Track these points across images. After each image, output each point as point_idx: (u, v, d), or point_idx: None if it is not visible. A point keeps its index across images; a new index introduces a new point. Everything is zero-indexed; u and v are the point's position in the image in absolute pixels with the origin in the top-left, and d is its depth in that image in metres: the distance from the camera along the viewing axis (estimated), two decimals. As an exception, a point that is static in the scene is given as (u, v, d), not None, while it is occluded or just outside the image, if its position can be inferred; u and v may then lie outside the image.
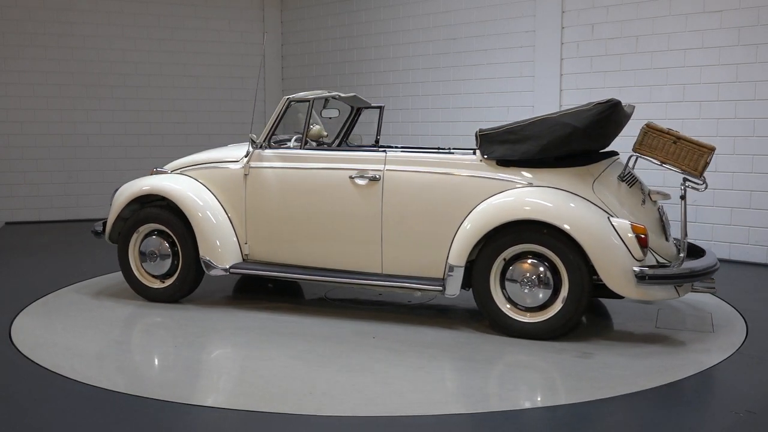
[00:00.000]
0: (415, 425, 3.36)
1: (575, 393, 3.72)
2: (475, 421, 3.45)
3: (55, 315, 5.15)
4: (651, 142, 4.57)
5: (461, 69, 8.75)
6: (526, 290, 4.51)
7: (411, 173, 4.85)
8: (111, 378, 3.91)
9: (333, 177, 5.01)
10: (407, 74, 9.30)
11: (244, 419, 3.42)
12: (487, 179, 4.66)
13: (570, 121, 4.50)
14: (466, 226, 4.60)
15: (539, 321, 4.51)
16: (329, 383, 3.85)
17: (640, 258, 4.31)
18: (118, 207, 5.53)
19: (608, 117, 4.47)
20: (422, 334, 4.68)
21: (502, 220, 4.51)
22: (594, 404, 3.56)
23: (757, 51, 6.69)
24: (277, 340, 4.58)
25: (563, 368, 4.08)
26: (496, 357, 4.31)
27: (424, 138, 8.66)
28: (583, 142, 4.56)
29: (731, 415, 3.44)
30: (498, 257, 4.57)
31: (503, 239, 4.54)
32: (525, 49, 8.16)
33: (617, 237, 4.32)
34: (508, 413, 3.50)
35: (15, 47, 9.37)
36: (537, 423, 3.47)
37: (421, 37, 9.13)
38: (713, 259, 4.72)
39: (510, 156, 4.64)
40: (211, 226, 5.24)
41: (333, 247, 5.04)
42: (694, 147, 4.48)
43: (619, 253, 4.30)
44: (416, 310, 5.27)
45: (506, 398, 3.72)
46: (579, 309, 4.43)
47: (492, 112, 8.22)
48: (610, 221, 4.36)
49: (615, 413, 3.53)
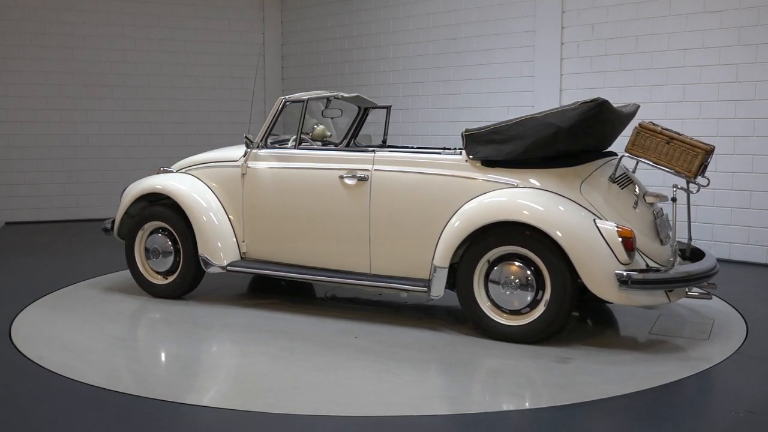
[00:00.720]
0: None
1: (541, 398, 3.69)
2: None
3: (55, 315, 5.15)
4: (644, 142, 4.46)
5: (461, 69, 8.75)
6: (508, 293, 4.43)
7: (398, 173, 4.84)
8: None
9: (323, 177, 5.05)
10: (407, 74, 9.30)
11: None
12: (472, 180, 4.61)
13: (554, 121, 4.40)
14: (450, 228, 4.56)
15: (522, 324, 4.42)
16: (291, 381, 3.87)
17: (625, 261, 4.19)
18: (125, 205, 5.68)
19: (594, 116, 4.36)
20: (405, 335, 4.66)
21: (483, 221, 4.44)
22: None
23: (757, 51, 6.70)
24: (259, 337, 4.64)
25: (538, 373, 4.01)
26: (470, 360, 4.24)
27: (424, 138, 8.65)
28: (569, 143, 4.46)
29: (731, 415, 3.43)
30: (481, 259, 4.50)
31: (486, 241, 4.48)
32: (525, 49, 8.17)
33: (601, 240, 4.20)
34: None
35: (15, 47, 9.37)
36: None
37: (421, 37, 9.14)
38: (710, 263, 4.58)
39: (495, 156, 4.58)
40: (209, 225, 5.32)
41: (324, 247, 5.07)
42: (687, 147, 4.36)
43: (602, 256, 4.19)
44: (407, 310, 5.25)
45: (466, 402, 3.67)
46: (561, 313, 4.32)
47: (492, 112, 8.21)
48: (595, 223, 4.26)
49: (612, 414, 3.53)
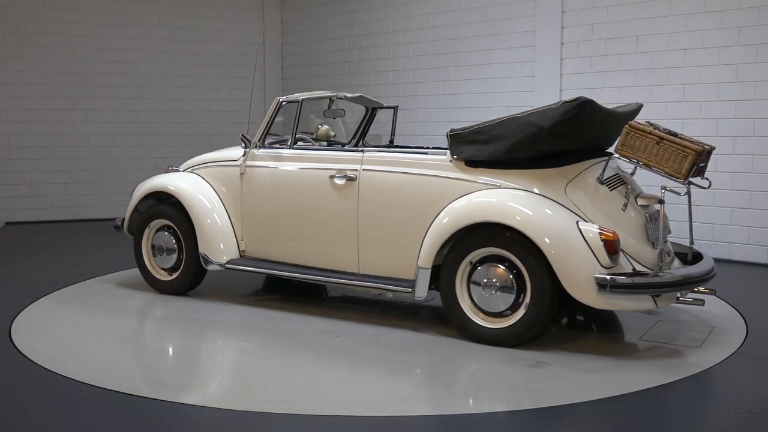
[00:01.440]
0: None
1: (499, 402, 3.64)
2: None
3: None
4: (633, 142, 4.30)
5: (461, 69, 8.75)
6: (488, 295, 4.36)
7: (385, 173, 4.82)
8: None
9: (314, 177, 5.08)
10: (407, 74, 9.30)
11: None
12: (456, 180, 4.56)
13: (536, 121, 4.30)
14: (432, 229, 4.52)
15: (502, 327, 4.34)
16: (255, 378, 3.91)
17: (607, 265, 4.07)
18: (134, 202, 5.83)
19: (576, 116, 4.23)
20: (388, 335, 4.65)
21: (464, 222, 4.38)
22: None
23: (757, 51, 6.70)
24: (242, 334, 4.72)
25: (511, 376, 3.93)
26: (443, 362, 4.17)
27: (423, 138, 8.64)
28: (551, 143, 4.35)
29: (731, 415, 3.43)
30: (464, 260, 4.43)
31: (469, 242, 4.41)
32: (525, 49, 8.17)
33: (583, 242, 4.09)
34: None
35: (15, 47, 9.37)
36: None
37: (421, 37, 9.14)
38: (703, 268, 4.44)
39: (478, 156, 4.51)
40: (209, 223, 5.40)
41: (315, 246, 5.11)
42: (678, 148, 4.18)
43: (582, 259, 4.07)
44: (392, 311, 5.25)
45: (433, 404, 3.65)
46: (541, 316, 4.22)
47: (492, 112, 8.18)
48: (578, 225, 4.16)
49: (609, 415, 3.53)
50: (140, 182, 5.96)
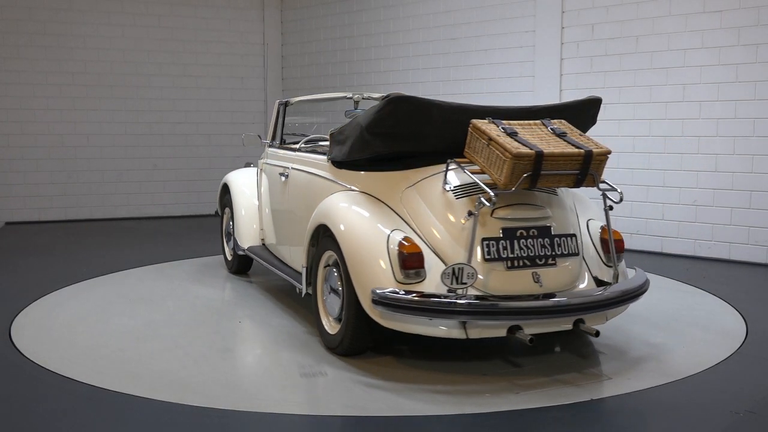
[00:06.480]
0: None
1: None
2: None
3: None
4: (475, 143, 3.73)
5: (461, 69, 8.75)
6: (326, 298, 4.26)
7: (298, 172, 5.11)
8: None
9: (274, 174, 5.60)
10: (407, 74, 9.31)
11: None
12: (327, 181, 4.58)
13: (360, 121, 4.07)
14: (307, 229, 4.49)
15: (333, 334, 4.16)
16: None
17: (400, 280, 3.64)
18: (219, 192, 6.62)
19: (390, 115, 3.88)
20: (294, 327, 4.76)
21: (313, 224, 4.34)
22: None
23: (757, 51, 6.70)
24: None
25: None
26: (314, 363, 4.08)
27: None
28: (380, 144, 4.04)
29: (731, 415, 3.43)
30: (320, 262, 4.32)
31: (320, 245, 4.30)
32: (525, 49, 8.17)
33: (385, 252, 3.71)
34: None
35: (15, 47, 9.37)
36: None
37: (421, 37, 9.14)
38: (536, 303, 3.68)
39: (338, 158, 4.43)
40: (241, 212, 6.05)
41: (281, 240, 5.47)
42: (500, 151, 3.53)
43: (374, 269, 3.71)
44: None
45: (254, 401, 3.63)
46: (350, 327, 3.93)
47: (492, 112, 8.22)
48: (388, 234, 3.77)
49: (607, 415, 3.54)
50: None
